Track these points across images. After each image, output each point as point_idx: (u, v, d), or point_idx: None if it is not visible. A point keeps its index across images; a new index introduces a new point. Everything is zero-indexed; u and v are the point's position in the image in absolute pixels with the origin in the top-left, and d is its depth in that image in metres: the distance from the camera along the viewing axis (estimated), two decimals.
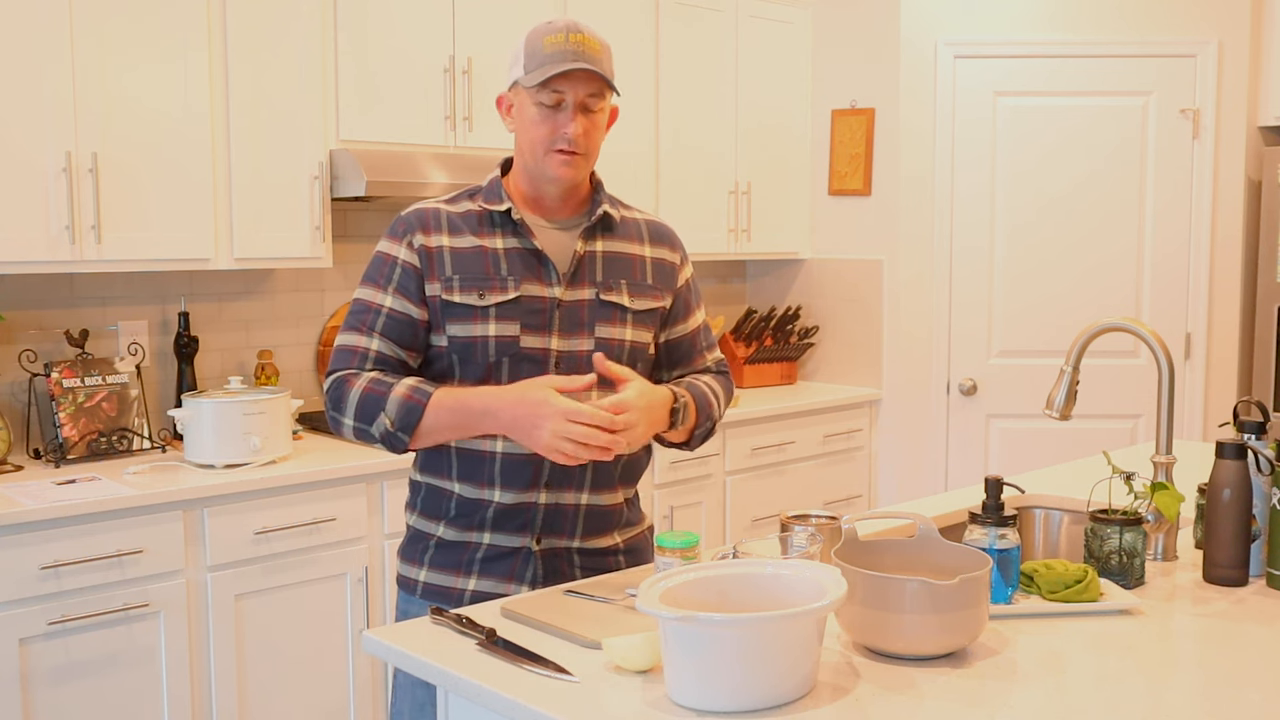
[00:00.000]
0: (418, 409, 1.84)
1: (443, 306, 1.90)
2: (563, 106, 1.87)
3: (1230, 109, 4.30)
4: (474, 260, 1.92)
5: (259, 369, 3.51)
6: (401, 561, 2.02)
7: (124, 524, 2.72)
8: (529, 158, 1.92)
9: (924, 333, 4.42)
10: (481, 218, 1.95)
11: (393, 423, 1.84)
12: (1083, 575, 1.79)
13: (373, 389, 1.86)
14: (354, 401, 1.87)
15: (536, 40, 1.88)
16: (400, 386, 1.86)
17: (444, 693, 1.60)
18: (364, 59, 3.37)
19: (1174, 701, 1.45)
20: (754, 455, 4.14)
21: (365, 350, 1.91)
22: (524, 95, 1.90)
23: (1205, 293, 4.34)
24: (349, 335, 1.94)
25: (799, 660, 1.42)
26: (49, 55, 2.83)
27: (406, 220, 1.95)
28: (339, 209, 3.63)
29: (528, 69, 1.87)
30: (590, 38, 1.87)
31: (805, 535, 1.78)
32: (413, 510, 2.02)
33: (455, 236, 1.93)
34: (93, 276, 3.26)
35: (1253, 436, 1.97)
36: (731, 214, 4.42)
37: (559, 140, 1.88)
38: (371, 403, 1.86)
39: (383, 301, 1.92)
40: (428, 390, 1.86)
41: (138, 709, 2.78)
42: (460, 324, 1.89)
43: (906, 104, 4.37)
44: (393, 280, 1.92)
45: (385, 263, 1.94)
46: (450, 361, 1.92)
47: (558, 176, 1.91)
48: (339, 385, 1.90)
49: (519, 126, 1.94)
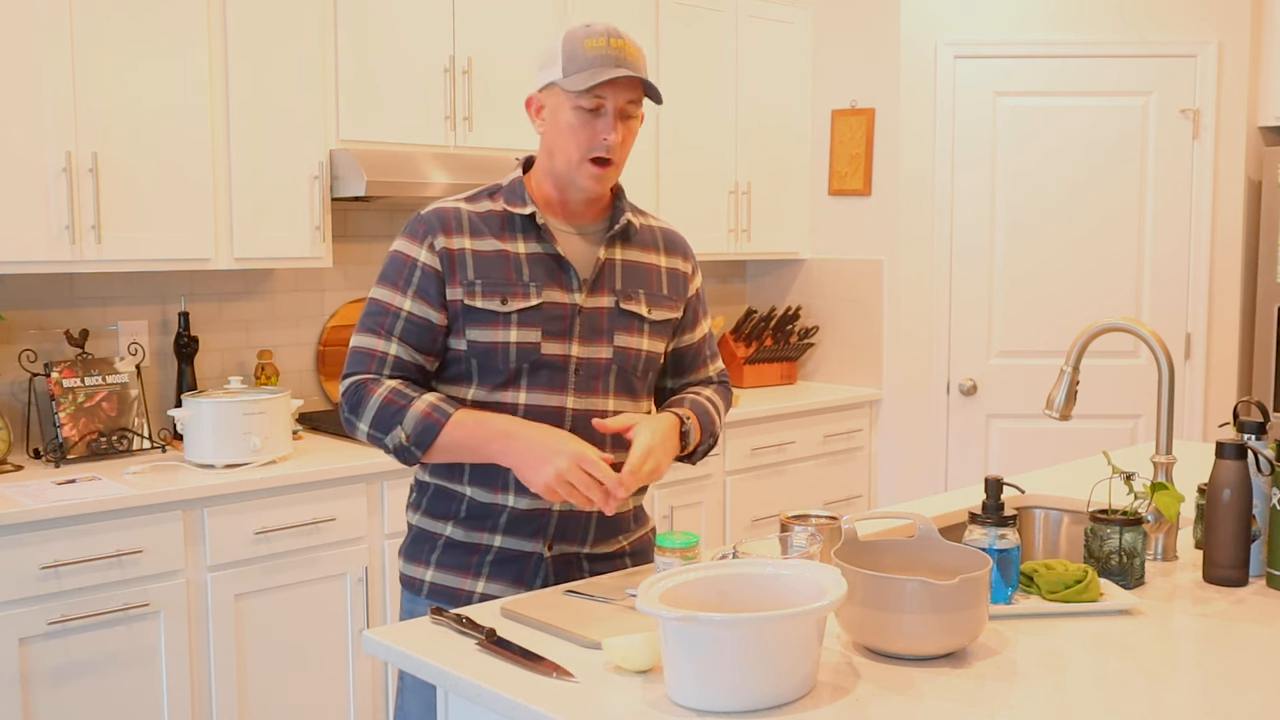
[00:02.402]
0: (435, 428, 1.82)
1: (464, 311, 1.87)
2: (602, 112, 1.84)
3: (1230, 109, 4.30)
4: (496, 264, 1.88)
5: (259, 369, 3.51)
6: (405, 561, 2.00)
7: (124, 524, 2.72)
8: (560, 163, 1.89)
9: (924, 333, 4.42)
10: (504, 220, 1.92)
11: (408, 437, 1.83)
12: (1083, 575, 1.79)
13: (392, 399, 1.84)
14: (372, 409, 1.85)
15: (576, 43, 1.83)
16: (420, 402, 1.84)
17: (444, 693, 1.60)
18: (364, 59, 3.37)
19: (1174, 701, 1.45)
20: (754, 455, 4.14)
21: (384, 354, 1.88)
22: (561, 98, 1.85)
23: (1205, 293, 4.34)
24: (366, 337, 1.90)
25: (799, 660, 1.42)
26: (49, 55, 2.83)
27: (427, 220, 1.90)
28: (339, 209, 3.63)
29: (567, 71, 1.83)
30: (629, 43, 1.85)
31: (805, 535, 1.78)
32: (416, 510, 2.00)
33: (477, 239, 1.89)
34: (93, 276, 3.26)
35: (1253, 436, 1.97)
36: (731, 214, 4.42)
37: (597, 148, 1.85)
38: (390, 414, 1.84)
39: (401, 304, 1.88)
40: (447, 410, 1.84)
41: (138, 709, 2.78)
42: (481, 329, 1.87)
43: (906, 104, 4.37)
44: (412, 283, 1.88)
45: (404, 264, 1.89)
46: (469, 366, 1.89)
47: (589, 187, 1.89)
48: (357, 390, 1.87)
49: (552, 130, 1.89)
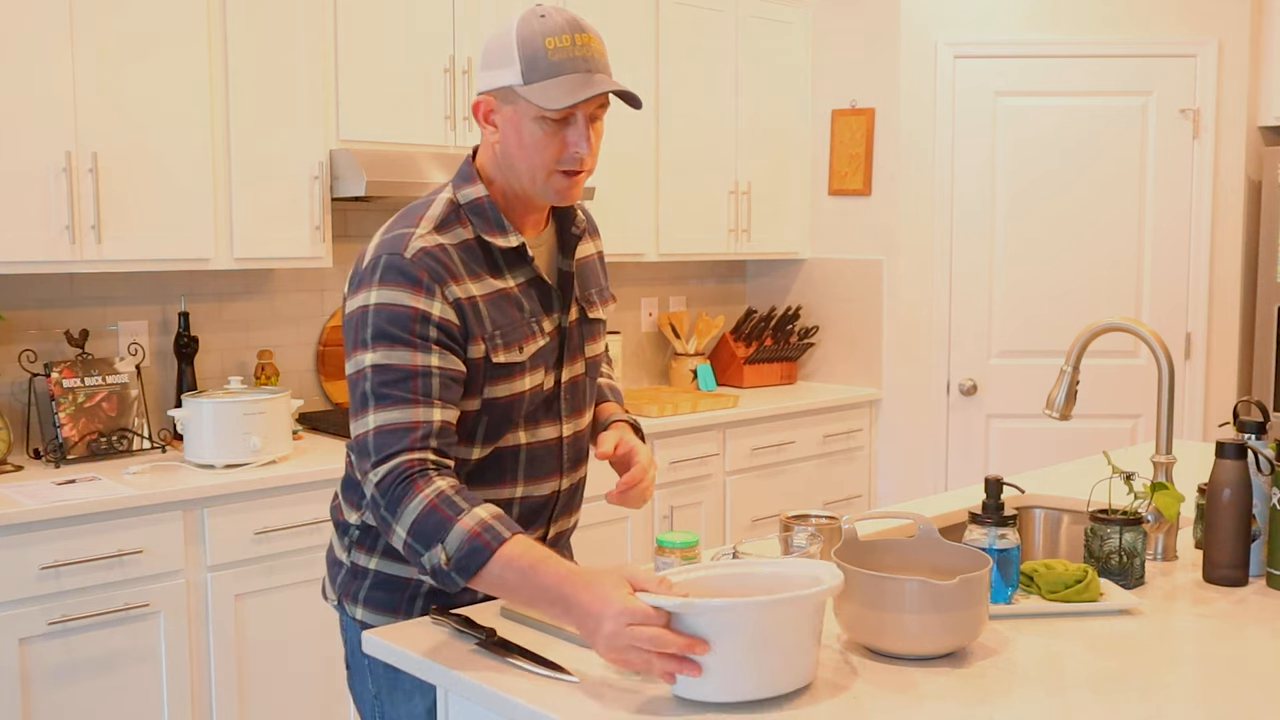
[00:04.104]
0: (484, 553, 1.52)
1: (485, 368, 1.67)
2: (572, 122, 1.65)
3: (1230, 109, 4.29)
4: (503, 308, 1.69)
5: (259, 369, 3.51)
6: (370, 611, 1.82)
7: (124, 524, 2.72)
8: (524, 178, 1.69)
9: (924, 333, 4.42)
10: (484, 252, 1.70)
11: (449, 559, 1.53)
12: (1083, 575, 1.79)
13: (439, 508, 1.54)
14: (414, 515, 1.55)
15: (535, 42, 1.61)
16: (469, 518, 1.53)
17: (444, 692, 1.60)
18: (364, 59, 3.37)
19: (1174, 701, 1.45)
20: (754, 455, 4.14)
21: (428, 423, 1.59)
22: (523, 107, 1.63)
23: (1205, 293, 4.34)
24: (395, 411, 1.58)
25: (796, 649, 1.42)
26: (49, 55, 2.83)
27: (427, 267, 1.63)
28: (339, 209, 3.63)
29: (529, 78, 1.62)
30: (594, 37, 1.65)
31: (805, 535, 1.78)
32: (371, 551, 1.80)
33: (476, 282, 1.67)
34: (93, 276, 3.26)
35: (1253, 436, 1.97)
36: (731, 214, 4.41)
37: (567, 160, 1.66)
38: (434, 525, 1.54)
39: (429, 361, 1.60)
40: (501, 534, 1.53)
41: (138, 709, 2.78)
42: (502, 384, 1.69)
43: (906, 104, 4.37)
44: (430, 337, 1.61)
45: (412, 318, 1.61)
46: (476, 425, 1.71)
47: (561, 199, 1.70)
48: (401, 482, 1.56)
49: (512, 140, 1.67)
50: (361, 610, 1.82)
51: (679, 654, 1.38)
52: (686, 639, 1.38)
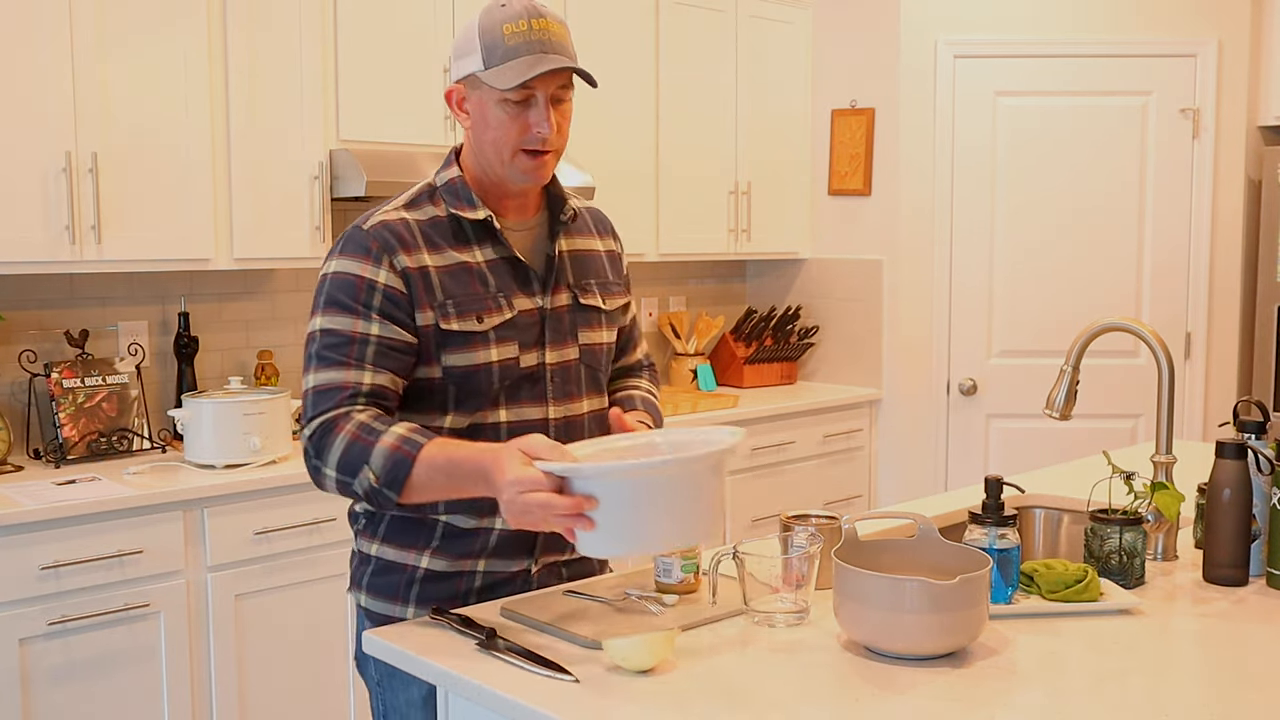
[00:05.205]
0: (406, 462, 1.62)
1: (437, 336, 1.73)
2: (533, 103, 1.71)
3: (1230, 109, 4.30)
4: (462, 279, 1.75)
5: (259, 369, 3.51)
6: (371, 597, 1.86)
7: (124, 524, 2.72)
8: (493, 160, 1.76)
9: (924, 333, 4.42)
10: (454, 227, 1.78)
11: (377, 477, 1.63)
12: (1083, 575, 1.78)
13: (360, 437, 1.64)
14: (338, 449, 1.65)
15: (494, 29, 1.70)
16: (388, 435, 1.64)
17: (444, 692, 1.60)
18: (364, 59, 3.37)
19: (1174, 701, 1.45)
20: (754, 455, 4.14)
21: (356, 385, 1.69)
22: (486, 92, 1.72)
23: (1205, 293, 4.34)
24: (329, 372, 1.70)
25: (685, 509, 1.52)
26: (49, 55, 2.83)
27: (378, 237, 1.73)
28: (339, 209, 3.62)
29: (489, 63, 1.70)
30: (552, 21, 1.72)
31: (805, 535, 1.77)
32: (373, 538, 1.85)
33: (435, 253, 1.75)
34: (93, 276, 3.26)
35: (1253, 436, 1.97)
36: (731, 214, 4.41)
37: (529, 140, 1.73)
38: (356, 452, 1.64)
39: (368, 329, 1.70)
40: (419, 441, 1.64)
41: (138, 709, 2.78)
42: (459, 352, 1.74)
43: (906, 104, 4.37)
44: (374, 305, 1.71)
45: (358, 286, 1.71)
46: (444, 394, 1.76)
47: (529, 178, 1.77)
48: (325, 430, 1.67)
49: (479, 125, 1.75)
50: (365, 596, 1.87)
51: (570, 513, 1.50)
52: (573, 499, 1.51)
